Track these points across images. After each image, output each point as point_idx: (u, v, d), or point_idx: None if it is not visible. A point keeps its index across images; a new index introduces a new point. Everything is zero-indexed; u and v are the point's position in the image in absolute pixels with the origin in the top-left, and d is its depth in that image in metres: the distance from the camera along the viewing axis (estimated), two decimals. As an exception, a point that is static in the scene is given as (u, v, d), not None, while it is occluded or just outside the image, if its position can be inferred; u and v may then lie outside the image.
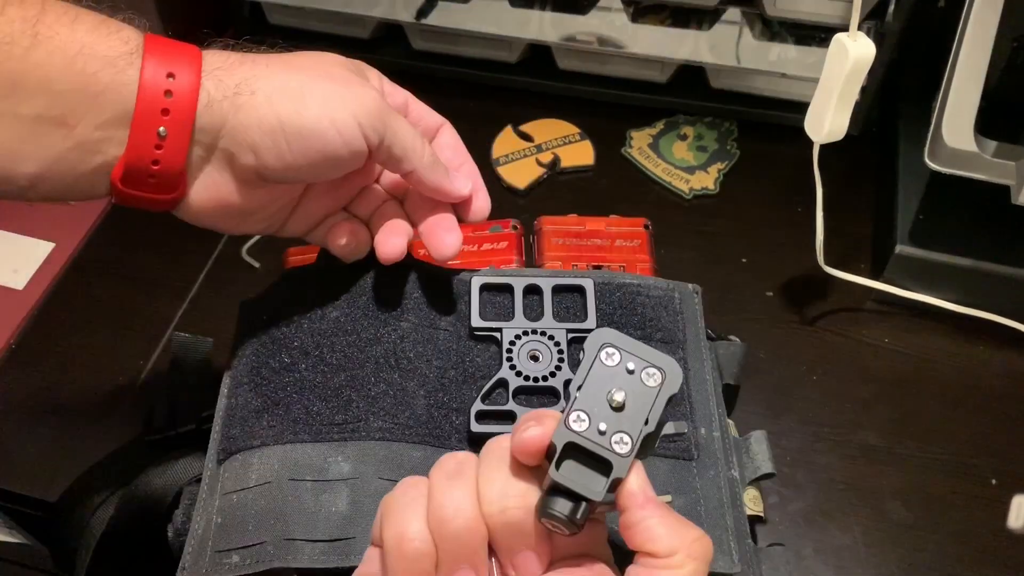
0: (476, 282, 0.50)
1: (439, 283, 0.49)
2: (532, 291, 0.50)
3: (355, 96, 0.40)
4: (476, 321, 0.48)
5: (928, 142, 0.60)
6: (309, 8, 0.80)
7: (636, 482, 0.31)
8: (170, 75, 0.36)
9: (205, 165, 0.39)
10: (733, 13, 0.72)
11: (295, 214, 0.46)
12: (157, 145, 0.36)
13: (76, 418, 0.61)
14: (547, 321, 0.49)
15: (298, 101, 0.38)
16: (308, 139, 0.39)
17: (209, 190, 0.40)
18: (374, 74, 0.45)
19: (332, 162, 0.40)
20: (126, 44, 0.36)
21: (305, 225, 0.47)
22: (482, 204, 0.48)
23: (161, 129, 0.36)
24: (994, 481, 0.58)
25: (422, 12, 0.78)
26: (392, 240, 0.45)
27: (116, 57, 0.35)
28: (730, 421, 0.52)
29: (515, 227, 0.62)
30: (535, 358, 0.48)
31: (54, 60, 0.34)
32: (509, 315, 0.49)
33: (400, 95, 0.46)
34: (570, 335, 0.48)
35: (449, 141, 0.48)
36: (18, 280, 0.69)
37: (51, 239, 0.71)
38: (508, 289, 0.50)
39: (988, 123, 0.59)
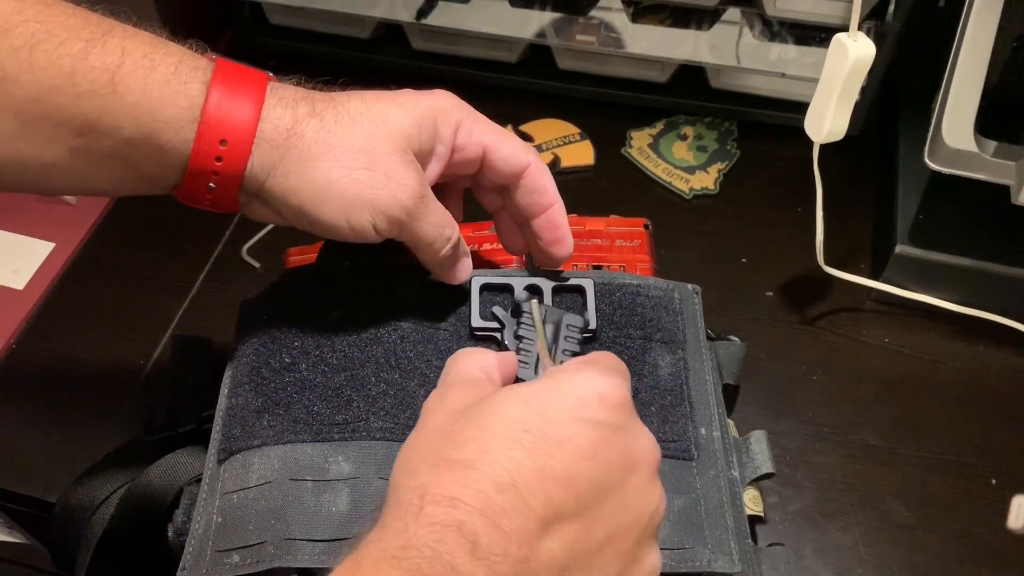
0: (476, 282, 0.49)
1: (439, 283, 0.49)
2: (532, 291, 0.50)
3: (380, 197, 0.42)
4: (476, 321, 0.48)
5: (928, 142, 0.60)
6: (309, 8, 0.80)
7: None
8: (223, 140, 0.40)
9: (253, 200, 0.43)
10: (733, 13, 0.72)
11: None
12: (209, 190, 0.41)
13: (76, 418, 0.61)
14: (547, 321, 0.49)
15: (320, 198, 0.41)
16: (322, 229, 0.43)
17: (263, 215, 0.44)
18: (450, 128, 0.44)
19: (345, 239, 0.44)
20: (189, 104, 0.39)
21: None
22: (560, 251, 0.48)
23: (211, 184, 0.41)
24: (994, 481, 0.58)
25: (422, 12, 0.78)
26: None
27: (178, 120, 0.39)
28: (730, 421, 0.52)
29: (515, 227, 0.62)
30: None
31: (126, 112, 0.38)
32: (509, 315, 0.49)
33: (477, 145, 0.45)
34: None
35: (533, 185, 0.47)
36: (18, 280, 0.69)
37: (51, 239, 0.71)
38: (508, 289, 0.50)
39: (988, 123, 0.59)
